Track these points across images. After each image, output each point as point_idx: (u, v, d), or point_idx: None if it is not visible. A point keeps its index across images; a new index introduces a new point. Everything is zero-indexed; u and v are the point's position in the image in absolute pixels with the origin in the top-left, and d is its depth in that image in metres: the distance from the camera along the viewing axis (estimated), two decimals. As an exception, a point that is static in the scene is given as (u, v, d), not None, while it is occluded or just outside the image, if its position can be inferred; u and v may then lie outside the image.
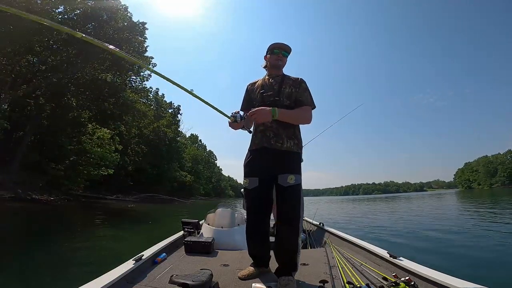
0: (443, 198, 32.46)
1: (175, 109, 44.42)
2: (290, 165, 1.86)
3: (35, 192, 14.66)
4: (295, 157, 1.92)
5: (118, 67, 19.67)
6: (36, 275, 3.43)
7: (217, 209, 3.30)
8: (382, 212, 14.55)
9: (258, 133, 1.95)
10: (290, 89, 1.95)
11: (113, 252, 4.60)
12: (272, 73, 2.05)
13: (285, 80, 1.98)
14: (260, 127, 1.94)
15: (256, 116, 1.78)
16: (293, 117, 1.91)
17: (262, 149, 1.90)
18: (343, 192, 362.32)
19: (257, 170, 1.91)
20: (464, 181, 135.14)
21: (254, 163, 1.95)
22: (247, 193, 1.95)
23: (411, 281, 1.60)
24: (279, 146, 1.86)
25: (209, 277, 1.63)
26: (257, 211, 1.94)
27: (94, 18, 18.33)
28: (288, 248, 1.77)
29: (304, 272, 1.97)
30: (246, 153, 2.05)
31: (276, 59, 2.00)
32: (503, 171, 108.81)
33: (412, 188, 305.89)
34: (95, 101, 19.52)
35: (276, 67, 2.03)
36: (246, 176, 1.96)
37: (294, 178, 1.81)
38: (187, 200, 35.30)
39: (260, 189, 1.89)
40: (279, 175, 1.82)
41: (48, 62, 18.37)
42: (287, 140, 1.88)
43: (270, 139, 1.88)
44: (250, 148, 2.03)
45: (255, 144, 1.96)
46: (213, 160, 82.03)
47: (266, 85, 2.00)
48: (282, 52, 2.01)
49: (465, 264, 3.76)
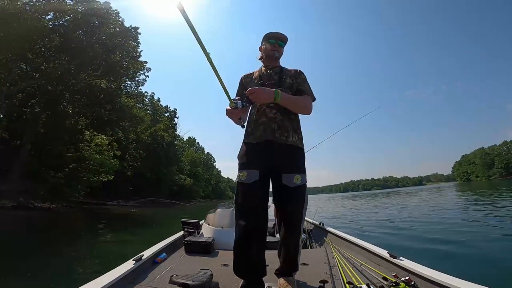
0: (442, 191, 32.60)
1: (172, 113, 44.38)
2: (296, 164, 1.71)
3: (37, 200, 14.67)
4: (300, 154, 1.77)
5: (113, 73, 19.59)
6: (47, 277, 3.49)
7: (217, 209, 3.30)
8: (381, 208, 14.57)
9: (260, 125, 1.72)
10: (291, 80, 1.82)
11: (121, 256, 4.64)
12: (269, 64, 1.89)
13: (284, 71, 1.85)
14: (263, 118, 1.72)
15: (257, 95, 1.58)
16: (296, 103, 1.73)
17: (265, 143, 1.69)
18: (343, 189, 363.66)
19: (258, 162, 1.67)
20: (462, 173, 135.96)
21: (253, 155, 1.71)
22: (243, 188, 1.65)
23: (411, 281, 1.60)
24: (284, 139, 1.69)
25: (209, 277, 1.62)
26: (255, 212, 1.62)
27: (85, 24, 18.23)
28: (291, 251, 1.67)
29: (304, 272, 1.96)
30: (241, 146, 1.82)
31: (272, 49, 1.83)
32: (500, 163, 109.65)
33: (411, 182, 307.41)
34: (91, 107, 19.44)
35: (273, 58, 1.86)
36: (243, 168, 1.69)
37: (300, 178, 1.67)
38: (187, 203, 35.25)
39: (261, 184, 1.65)
40: (284, 174, 1.65)
41: (41, 69, 18.25)
42: (293, 134, 1.73)
43: (274, 132, 1.69)
44: (247, 141, 1.78)
45: (256, 137, 1.73)
46: (212, 162, 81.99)
47: (265, 76, 1.84)
48: (278, 42, 1.84)
49: (465, 264, 3.76)
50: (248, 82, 1.89)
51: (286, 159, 1.68)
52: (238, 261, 1.60)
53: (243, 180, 1.65)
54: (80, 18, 17.94)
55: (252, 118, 1.81)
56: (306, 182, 1.70)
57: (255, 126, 1.75)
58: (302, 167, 1.74)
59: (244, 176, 1.65)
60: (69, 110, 19.33)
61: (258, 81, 1.82)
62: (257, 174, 1.64)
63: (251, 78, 1.90)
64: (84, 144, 19.44)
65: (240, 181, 1.67)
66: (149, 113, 36.21)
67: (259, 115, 1.75)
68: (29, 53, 17.39)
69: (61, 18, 18.25)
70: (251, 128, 1.78)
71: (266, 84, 1.74)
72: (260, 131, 1.72)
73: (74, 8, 18.03)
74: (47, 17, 17.76)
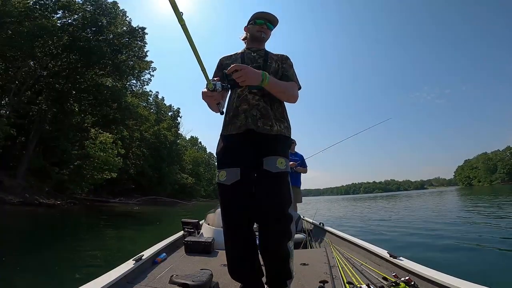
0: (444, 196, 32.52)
1: (175, 112, 44.78)
2: (279, 147, 1.48)
3: (42, 196, 14.91)
4: (285, 141, 1.56)
5: (120, 72, 19.86)
6: (56, 272, 3.55)
7: (217, 209, 3.27)
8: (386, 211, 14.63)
9: (241, 113, 1.51)
10: (277, 64, 1.61)
11: (131, 253, 4.79)
12: (253, 46, 1.68)
13: (270, 55, 1.64)
14: (244, 105, 1.51)
15: (244, 72, 1.32)
16: (283, 89, 1.52)
17: (246, 133, 1.48)
18: (344, 192, 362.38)
19: (239, 158, 1.47)
20: (464, 178, 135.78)
21: (233, 150, 1.51)
22: (224, 191, 1.46)
23: (411, 281, 1.60)
24: (268, 129, 1.48)
25: (209, 277, 1.62)
26: (241, 216, 1.43)
27: (93, 23, 18.50)
28: (277, 254, 1.39)
29: (304, 272, 1.96)
30: (218, 141, 1.62)
31: (259, 30, 1.63)
32: (502, 168, 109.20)
33: (413, 186, 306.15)
34: (98, 106, 19.70)
35: (258, 39, 1.66)
36: (222, 167, 1.50)
37: (284, 162, 1.44)
38: (189, 202, 35.46)
39: (242, 184, 1.43)
40: (265, 158, 1.42)
41: (49, 67, 18.56)
42: (276, 123, 1.52)
43: (256, 121, 1.48)
44: (226, 132, 1.57)
45: (235, 127, 1.51)
46: (214, 162, 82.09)
47: (248, 59, 1.62)
48: (267, 24, 1.64)
49: (465, 263, 3.73)
50: (228, 64, 1.56)
51: (268, 147, 1.47)
52: (231, 266, 1.50)
53: (223, 181, 1.46)
54: (88, 17, 18.25)
55: (231, 105, 1.59)
56: (289, 171, 1.50)
57: (235, 114, 1.54)
58: (286, 152, 1.54)
59: (223, 177, 1.46)
60: (75, 108, 19.62)
61: (240, 64, 1.54)
62: (237, 172, 1.44)
63: (232, 60, 1.66)
64: (89, 142, 19.72)
65: (219, 181, 1.48)
66: (153, 112, 36.47)
67: (240, 102, 1.53)
68: (38, 51, 17.70)
69: (70, 17, 18.59)
70: (230, 116, 1.57)
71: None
72: (241, 120, 1.50)
73: (82, 7, 18.37)
74: (56, 16, 18.11)
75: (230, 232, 1.46)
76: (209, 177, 68.41)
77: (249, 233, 1.47)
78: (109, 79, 20.41)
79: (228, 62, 1.64)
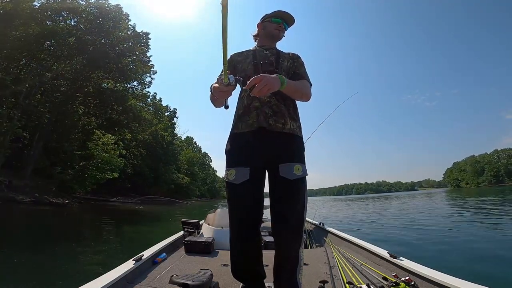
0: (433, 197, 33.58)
1: (172, 112, 45.25)
2: (295, 152, 1.47)
3: (50, 195, 15.31)
4: (300, 142, 1.54)
5: (124, 76, 20.31)
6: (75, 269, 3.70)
7: (217, 209, 3.35)
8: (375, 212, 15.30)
9: (252, 111, 1.47)
10: (288, 63, 1.59)
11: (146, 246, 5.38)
12: (265, 44, 1.65)
13: (281, 54, 1.62)
14: (255, 103, 1.47)
15: (264, 83, 1.21)
16: (298, 90, 1.48)
17: (258, 131, 1.45)
18: (336, 192, 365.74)
19: (248, 157, 1.45)
20: (453, 180, 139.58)
21: (243, 148, 1.47)
22: (232, 190, 1.46)
23: (411, 281, 1.61)
24: (280, 127, 1.44)
25: (209, 277, 1.62)
26: (249, 216, 1.45)
27: (98, 26, 18.92)
28: (290, 262, 1.42)
29: (304, 272, 1.94)
30: (228, 138, 1.58)
31: (276, 28, 1.62)
32: (490, 171, 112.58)
33: (404, 187, 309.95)
34: (102, 108, 20.10)
35: (273, 37, 1.64)
36: (231, 166, 1.47)
37: (301, 168, 1.43)
38: (186, 201, 35.92)
39: (253, 183, 1.43)
40: (281, 164, 1.41)
41: (53, 69, 18.92)
42: (289, 121, 1.48)
43: (268, 118, 1.44)
44: (236, 130, 1.52)
45: (247, 125, 1.47)
46: (208, 162, 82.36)
47: (260, 56, 1.58)
48: (284, 24, 1.64)
49: (465, 263, 3.79)
50: (239, 61, 1.61)
51: (282, 149, 1.44)
52: (235, 266, 1.50)
53: (232, 180, 1.44)
54: (92, 19, 18.65)
55: (242, 103, 1.55)
56: (307, 175, 1.47)
57: (246, 112, 1.50)
58: (302, 157, 1.51)
59: (232, 175, 1.44)
60: (80, 110, 20.00)
61: (252, 61, 1.57)
62: (247, 172, 1.42)
63: (243, 57, 1.62)
64: (92, 143, 20.16)
65: (228, 180, 1.46)
66: (151, 112, 36.81)
67: (251, 99, 1.48)
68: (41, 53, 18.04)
69: (73, 18, 18.96)
70: (240, 113, 1.53)
71: (261, 64, 1.54)
72: (252, 117, 1.46)
73: (86, 9, 18.74)
74: (60, 17, 18.47)
75: (236, 231, 1.47)
76: (203, 177, 68.64)
77: (256, 233, 1.48)
78: (110, 81, 20.75)
79: (239, 58, 1.62)
